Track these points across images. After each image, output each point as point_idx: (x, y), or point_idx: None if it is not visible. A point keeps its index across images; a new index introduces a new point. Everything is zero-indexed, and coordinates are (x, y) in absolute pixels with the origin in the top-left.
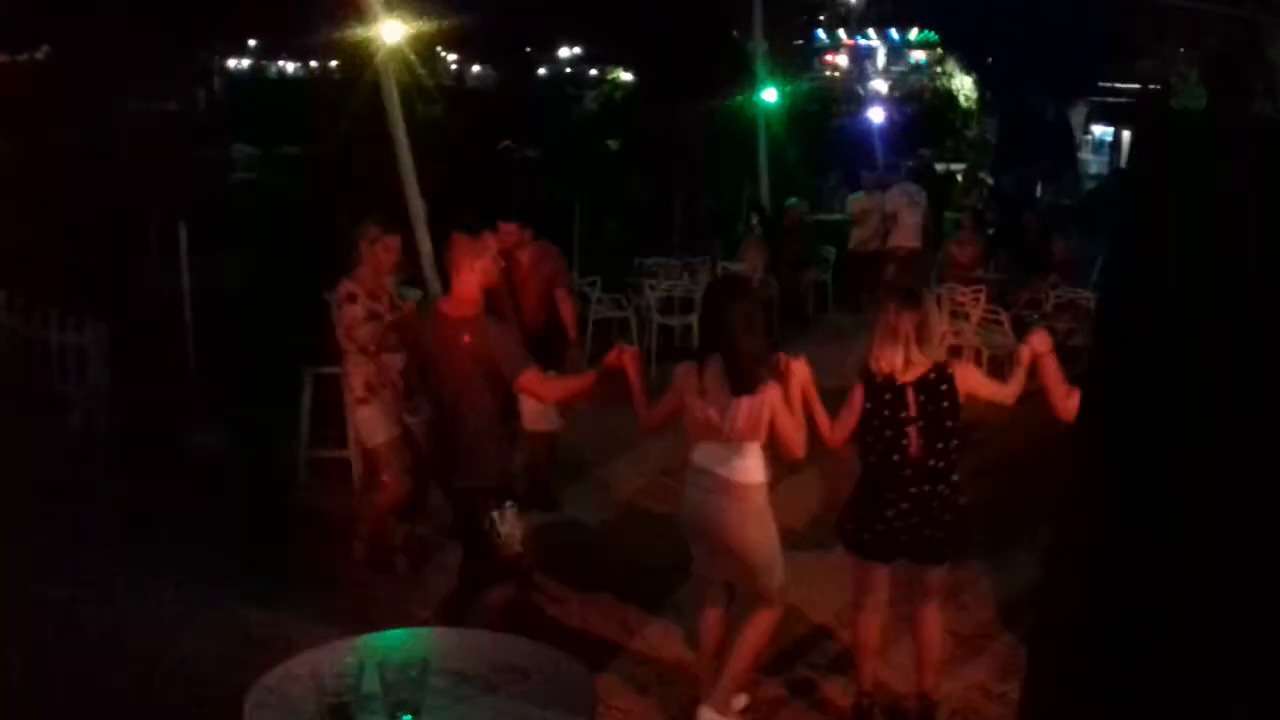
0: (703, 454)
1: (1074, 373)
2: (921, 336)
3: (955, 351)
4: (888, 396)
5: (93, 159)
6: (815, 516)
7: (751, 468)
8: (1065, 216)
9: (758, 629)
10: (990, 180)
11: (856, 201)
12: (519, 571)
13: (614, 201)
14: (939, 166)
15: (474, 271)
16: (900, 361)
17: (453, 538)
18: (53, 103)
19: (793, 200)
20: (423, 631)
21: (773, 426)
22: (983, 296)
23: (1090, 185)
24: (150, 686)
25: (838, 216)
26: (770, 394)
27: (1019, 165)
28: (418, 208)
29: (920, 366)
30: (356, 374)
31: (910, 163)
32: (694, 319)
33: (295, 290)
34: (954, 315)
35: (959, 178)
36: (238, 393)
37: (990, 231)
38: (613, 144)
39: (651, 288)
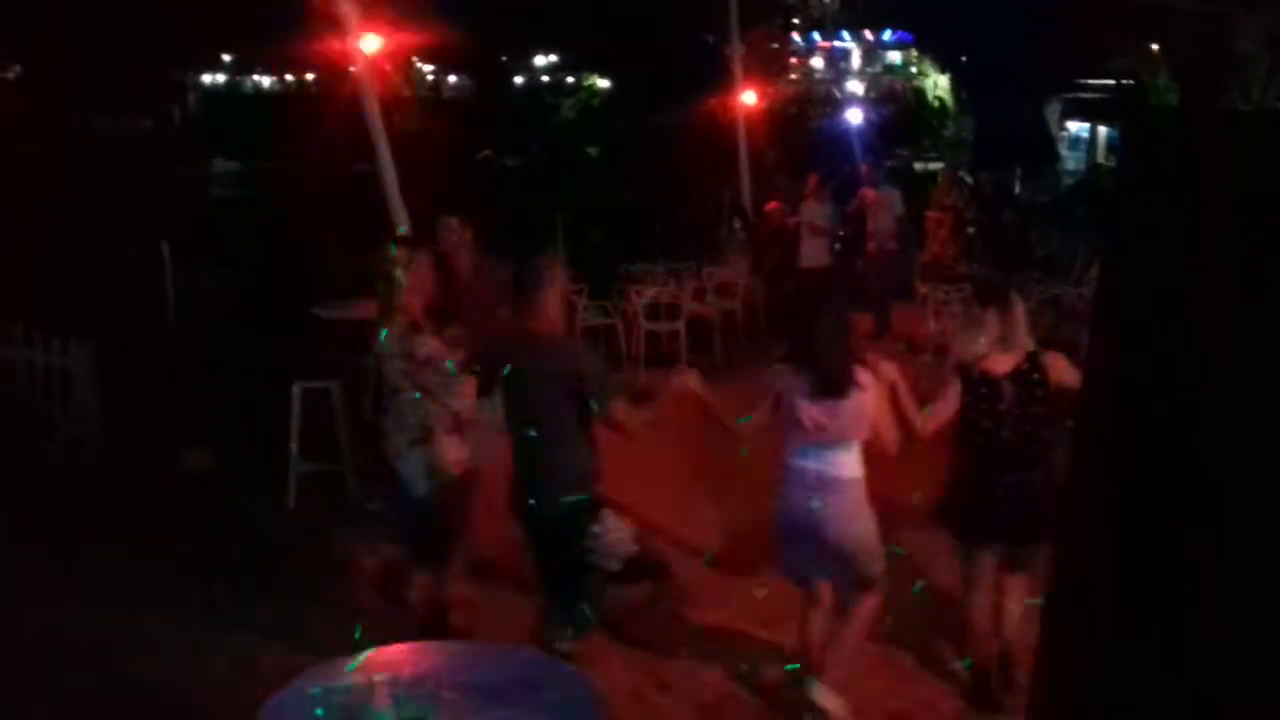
0: (805, 455)
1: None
2: (1009, 330)
3: (942, 349)
4: (984, 390)
5: (70, 177)
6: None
7: (854, 463)
8: (1045, 213)
9: (863, 614)
10: (969, 179)
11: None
12: (645, 567)
13: (595, 208)
14: (917, 166)
15: (555, 291)
16: (993, 355)
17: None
18: (27, 121)
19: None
20: (428, 645)
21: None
22: (965, 293)
23: (1068, 182)
24: (147, 713)
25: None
26: (870, 394)
27: (997, 163)
28: (401, 219)
29: (1013, 359)
30: (461, 398)
31: (889, 163)
32: (680, 324)
33: (280, 304)
34: (937, 315)
35: (938, 177)
36: (226, 409)
37: (970, 230)
38: (592, 151)
39: (638, 294)
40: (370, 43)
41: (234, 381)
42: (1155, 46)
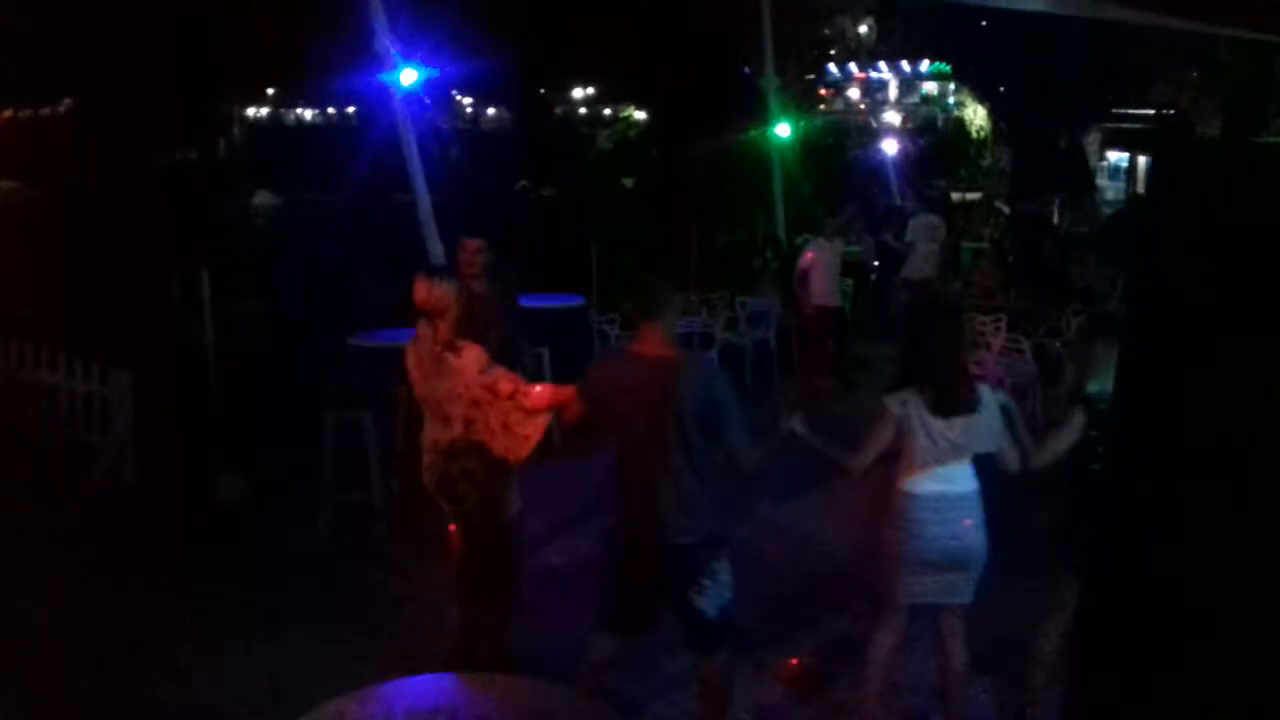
0: (934, 480)
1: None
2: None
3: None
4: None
5: (115, 208)
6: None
7: (974, 476)
8: (1084, 243)
9: (962, 635)
10: (1007, 209)
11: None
12: (730, 629)
13: (630, 239)
14: (955, 196)
15: (674, 314)
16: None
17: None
18: (75, 154)
19: (804, 237)
20: (448, 677)
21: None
22: (1003, 324)
23: (1107, 211)
24: None
25: (855, 249)
26: (991, 407)
27: (1036, 193)
28: (436, 251)
29: None
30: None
31: (928, 193)
32: (714, 354)
33: (316, 333)
34: (974, 344)
35: (975, 207)
36: (261, 438)
37: (1010, 259)
38: (627, 182)
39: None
40: (409, 76)
41: (269, 410)
42: (1196, 75)
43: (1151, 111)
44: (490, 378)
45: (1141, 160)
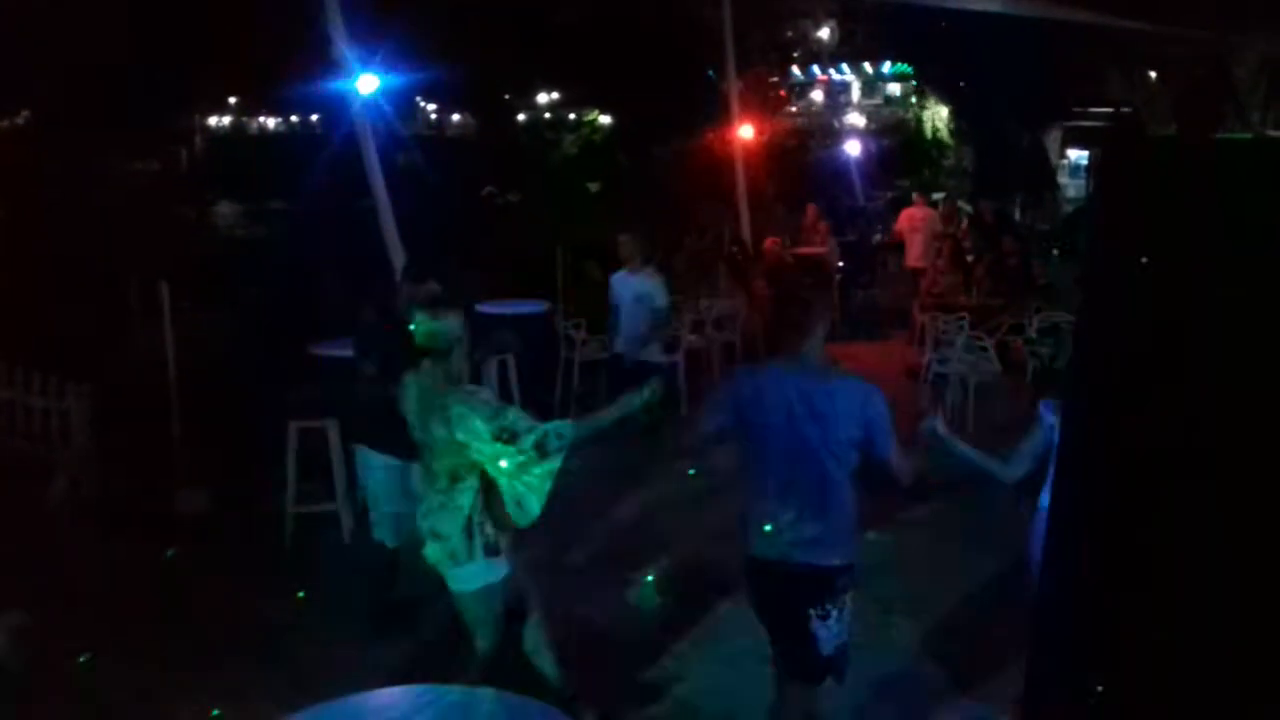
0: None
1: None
2: None
3: (942, 379)
4: None
5: (74, 221)
6: None
7: None
8: (1045, 241)
9: None
10: (969, 208)
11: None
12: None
13: (596, 243)
14: (915, 196)
15: (826, 323)
16: None
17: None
18: (33, 166)
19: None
20: (411, 690)
21: None
22: (966, 323)
23: (1068, 209)
24: None
25: (820, 250)
26: None
27: (997, 192)
28: (398, 259)
29: None
30: None
31: (890, 194)
32: (679, 357)
33: (278, 343)
34: (938, 343)
35: (938, 206)
36: (223, 450)
37: (969, 259)
38: (592, 186)
39: None
40: (369, 83)
41: (231, 421)
42: (1153, 74)
43: (1110, 110)
44: (501, 424)
45: None
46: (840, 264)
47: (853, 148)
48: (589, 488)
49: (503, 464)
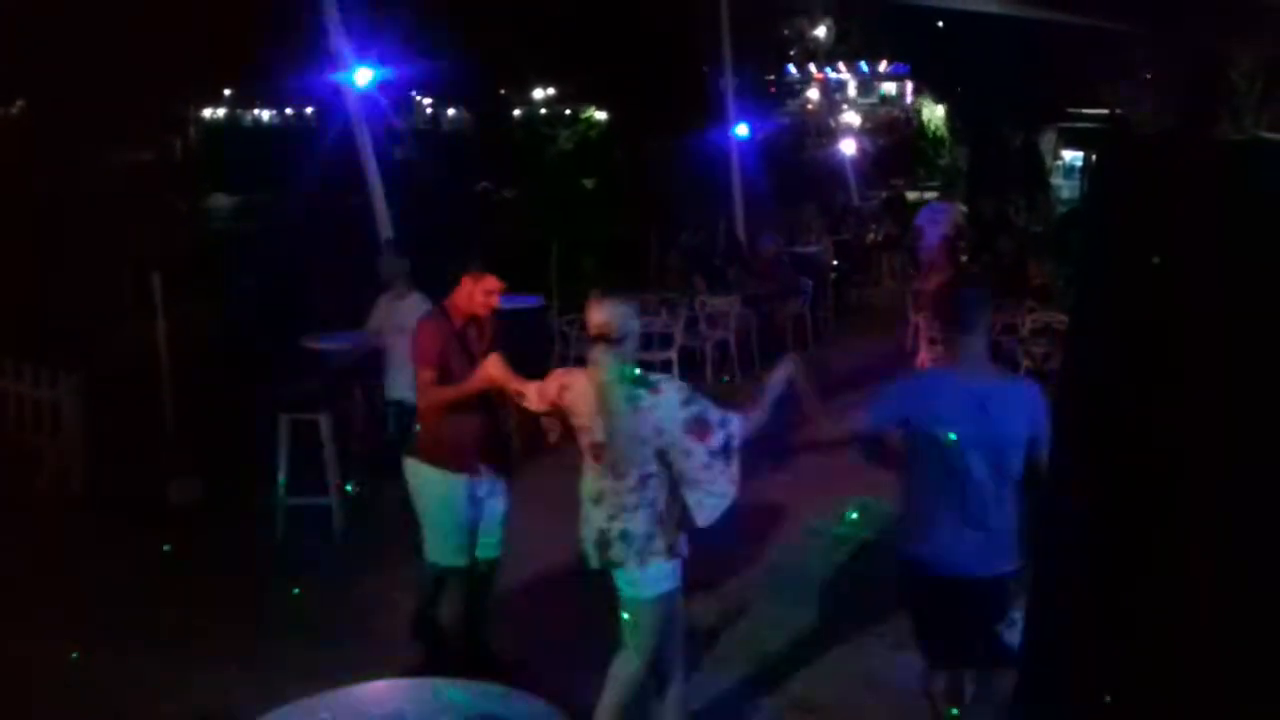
0: None
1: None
2: None
3: None
4: None
5: (67, 210)
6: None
7: None
8: (1040, 241)
9: None
10: (964, 207)
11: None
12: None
13: (590, 239)
14: (911, 195)
15: (987, 327)
16: None
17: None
18: (27, 155)
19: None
20: (400, 683)
21: None
22: None
23: (1062, 210)
24: None
25: (814, 249)
26: None
27: (994, 192)
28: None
29: None
30: None
31: (884, 193)
32: (673, 354)
33: (271, 336)
34: (932, 342)
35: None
36: (215, 442)
37: (964, 259)
38: (588, 182)
39: None
40: (365, 76)
41: (223, 413)
42: (1148, 76)
43: (1105, 112)
44: (698, 408)
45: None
46: (835, 262)
47: (848, 146)
48: None
49: (693, 457)
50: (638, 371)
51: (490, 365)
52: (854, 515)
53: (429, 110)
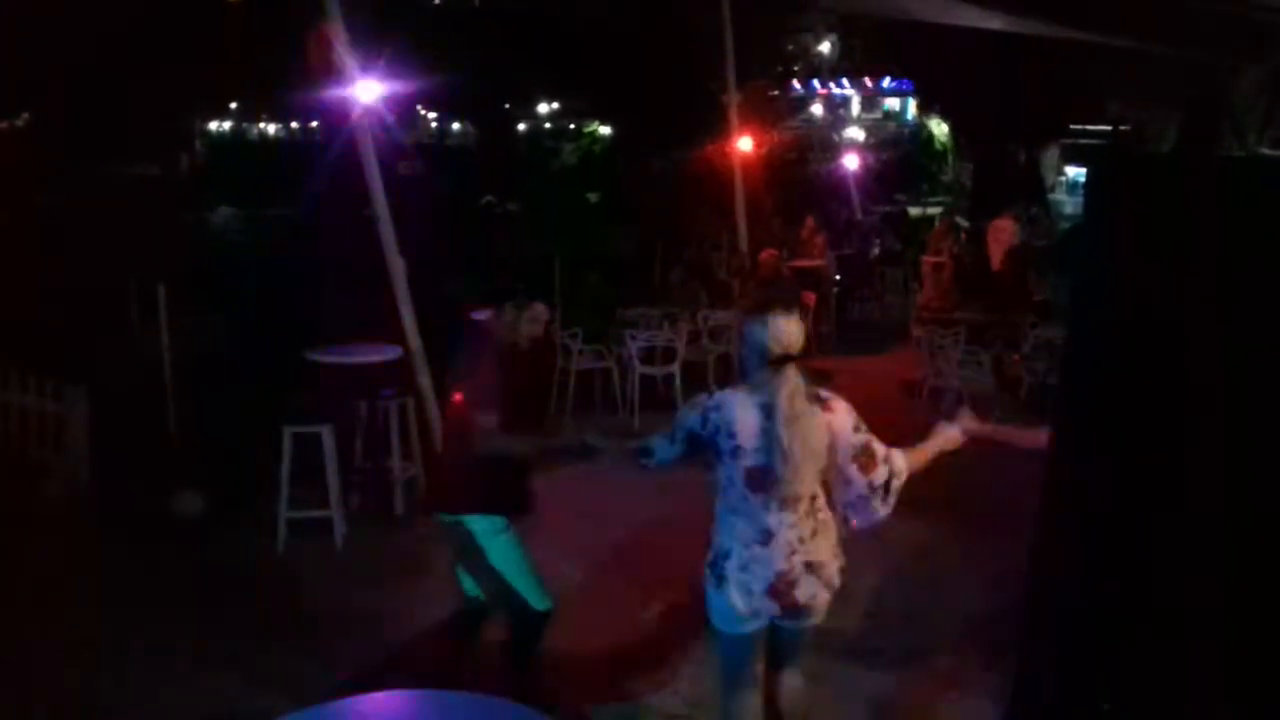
0: None
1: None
2: None
3: (936, 392)
4: None
5: (73, 224)
6: None
7: None
8: (1041, 257)
9: None
10: (966, 223)
11: None
12: None
13: (594, 253)
14: (914, 211)
15: None
16: None
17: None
18: (33, 168)
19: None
20: (397, 695)
21: None
22: (961, 337)
23: (1065, 225)
24: None
25: (817, 263)
26: None
27: (995, 208)
28: (397, 267)
29: None
30: None
31: (887, 208)
32: (675, 368)
33: (276, 350)
34: (933, 356)
35: (936, 222)
36: (218, 455)
37: (967, 274)
38: (592, 196)
39: (632, 338)
40: (369, 90)
41: (227, 426)
42: (1152, 93)
43: (1108, 128)
44: (865, 437)
45: None
46: (837, 277)
47: (851, 161)
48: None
49: (852, 488)
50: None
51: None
52: None
53: (434, 124)
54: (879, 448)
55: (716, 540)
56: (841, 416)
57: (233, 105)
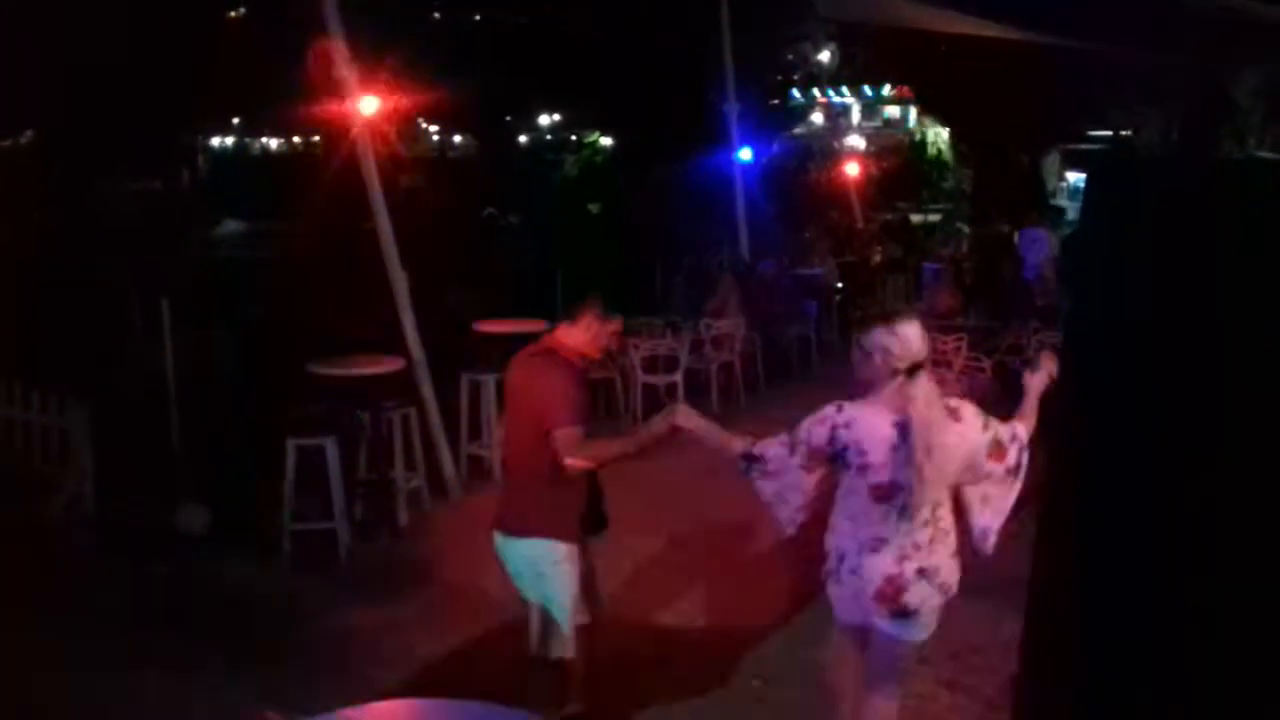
0: None
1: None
2: None
3: None
4: None
5: (76, 238)
6: None
7: None
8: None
9: None
10: (967, 229)
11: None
12: None
13: (596, 264)
14: (915, 218)
15: None
16: None
17: None
18: (36, 185)
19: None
20: (402, 705)
21: None
22: (964, 344)
23: (1066, 231)
24: None
25: (818, 271)
26: None
27: (996, 214)
28: (399, 279)
29: None
30: None
31: (888, 216)
32: (678, 377)
33: (279, 363)
34: (936, 364)
35: (936, 229)
36: (222, 468)
37: (968, 281)
38: (593, 207)
39: (635, 347)
40: (369, 104)
41: (231, 439)
42: (1151, 99)
43: (1109, 134)
44: (992, 431)
45: None
46: (839, 284)
47: (852, 169)
48: None
49: (992, 479)
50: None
51: (683, 415)
52: None
53: (435, 137)
54: (1004, 432)
55: (833, 542)
56: (970, 421)
57: (235, 120)
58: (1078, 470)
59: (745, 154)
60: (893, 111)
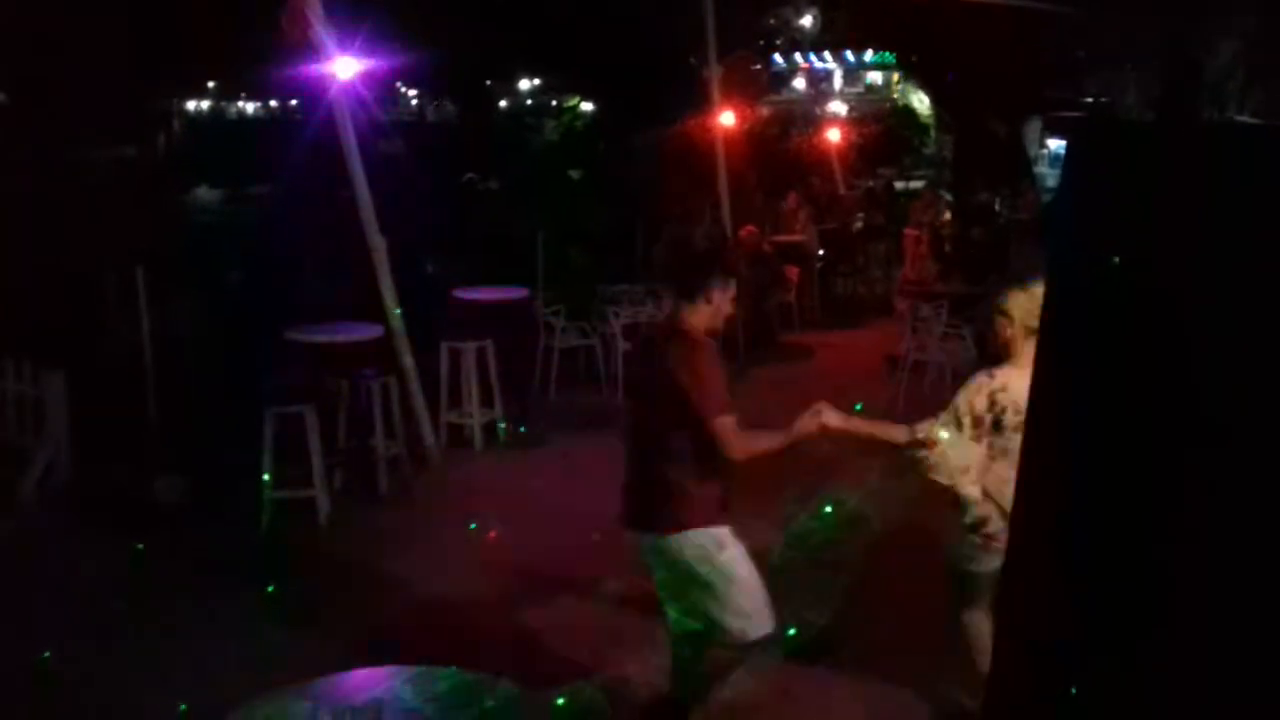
0: None
1: None
2: None
3: (920, 367)
4: None
5: (49, 206)
6: None
7: None
8: (1024, 229)
9: None
10: (949, 197)
11: None
12: None
13: (576, 230)
14: (899, 185)
15: None
16: None
17: None
18: (10, 150)
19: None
20: (379, 672)
21: None
22: (944, 311)
23: (1047, 198)
24: None
25: (799, 238)
26: None
27: (977, 181)
28: (377, 245)
29: None
30: None
31: (870, 183)
32: None
33: (257, 330)
34: (915, 330)
35: (919, 195)
36: (200, 436)
37: (948, 247)
38: (574, 173)
39: (615, 315)
40: (348, 67)
41: (209, 407)
42: (1130, 65)
43: (1089, 100)
44: None
45: None
46: (820, 251)
47: (834, 135)
48: None
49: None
50: None
51: (831, 415)
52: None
53: (414, 102)
54: None
55: (991, 509)
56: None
57: (211, 84)
58: (1058, 445)
59: (727, 119)
60: (875, 78)
